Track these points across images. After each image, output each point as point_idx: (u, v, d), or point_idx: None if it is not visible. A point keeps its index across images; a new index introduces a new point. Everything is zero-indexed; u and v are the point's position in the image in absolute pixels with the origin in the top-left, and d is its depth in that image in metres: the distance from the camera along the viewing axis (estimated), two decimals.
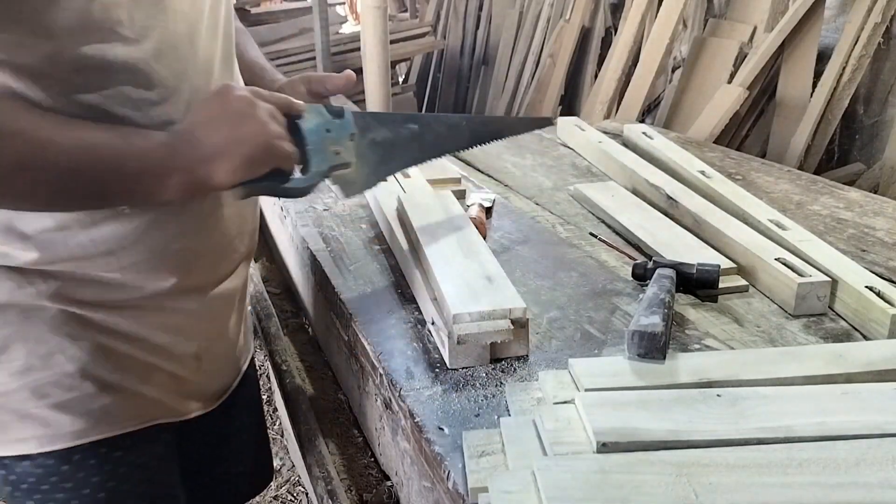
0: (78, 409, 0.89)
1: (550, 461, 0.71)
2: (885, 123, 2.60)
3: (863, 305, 1.04)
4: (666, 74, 3.21)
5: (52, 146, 0.75)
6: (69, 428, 0.89)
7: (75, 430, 0.89)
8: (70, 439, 0.89)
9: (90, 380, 0.89)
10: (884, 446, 0.70)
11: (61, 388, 0.88)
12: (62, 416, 0.88)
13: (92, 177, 0.78)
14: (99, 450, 0.91)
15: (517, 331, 0.95)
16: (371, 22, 2.88)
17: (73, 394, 0.88)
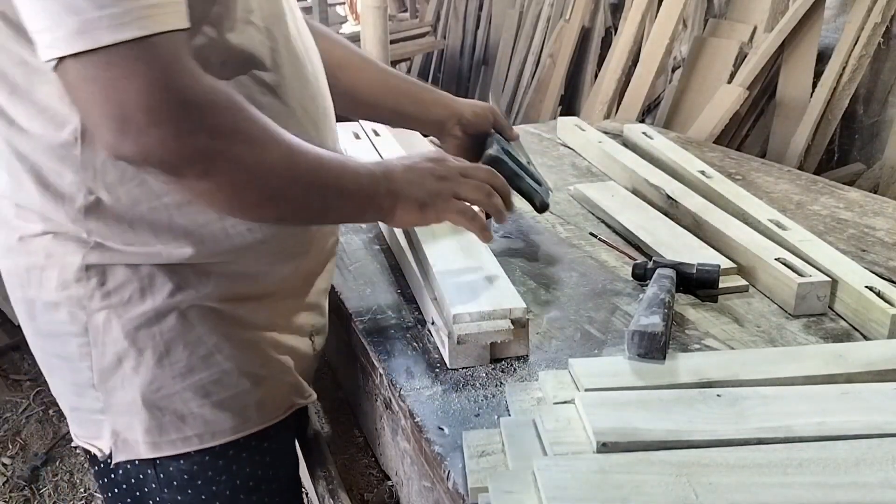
0: (236, 405, 0.91)
1: (550, 461, 0.71)
2: (885, 123, 2.60)
3: (863, 305, 1.04)
4: (666, 74, 3.21)
5: (300, 157, 0.81)
6: (228, 424, 0.91)
7: (233, 425, 0.91)
8: (228, 435, 0.91)
9: (245, 375, 0.91)
10: (884, 446, 0.70)
11: (221, 387, 0.89)
12: (222, 414, 0.90)
13: (323, 193, 0.84)
14: (251, 441, 0.93)
15: (517, 331, 0.95)
16: (371, 22, 2.88)
17: (231, 391, 0.90)
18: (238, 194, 0.78)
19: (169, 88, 0.69)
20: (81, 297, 0.85)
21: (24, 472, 2.25)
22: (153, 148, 0.70)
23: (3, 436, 2.40)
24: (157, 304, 0.85)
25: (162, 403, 0.88)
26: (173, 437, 0.89)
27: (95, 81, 0.67)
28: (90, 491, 2.21)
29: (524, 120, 3.75)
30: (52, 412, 2.50)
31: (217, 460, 0.92)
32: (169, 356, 0.87)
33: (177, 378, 0.88)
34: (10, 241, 0.88)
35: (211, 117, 0.72)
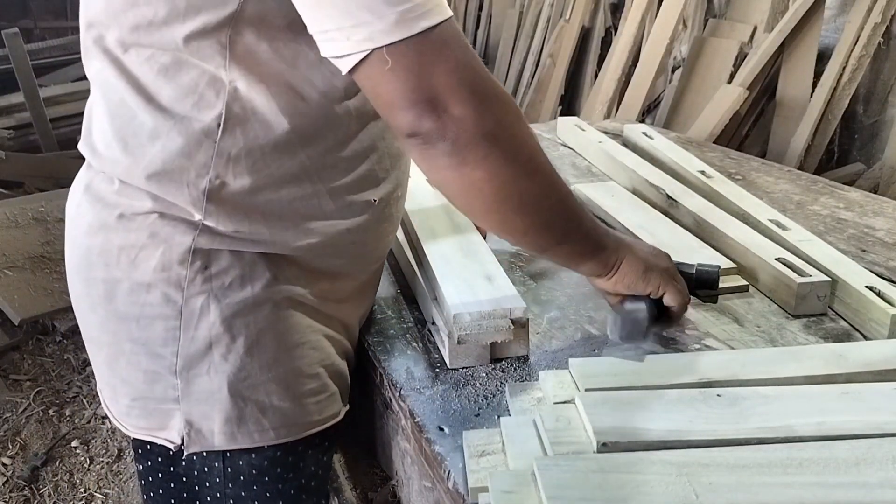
0: (312, 401, 0.91)
1: (550, 461, 0.71)
2: (885, 123, 2.60)
3: (863, 305, 1.04)
4: (666, 74, 3.21)
5: (557, 175, 0.85)
6: (306, 418, 0.91)
7: (310, 420, 0.91)
8: (303, 429, 0.91)
9: (325, 370, 0.92)
10: (884, 446, 0.70)
11: (302, 380, 0.90)
12: (300, 408, 0.90)
13: (567, 220, 0.88)
14: (315, 440, 0.93)
15: (517, 330, 0.95)
16: None
17: (309, 385, 0.91)
18: (503, 190, 0.80)
19: (472, 69, 0.75)
20: (181, 279, 0.85)
21: (24, 472, 2.25)
22: (452, 125, 0.74)
23: (3, 436, 2.40)
24: (256, 293, 0.86)
25: (247, 393, 0.88)
26: (252, 429, 0.89)
27: (407, 67, 0.72)
28: (90, 491, 2.21)
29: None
30: (52, 412, 2.50)
31: (287, 456, 0.92)
32: (259, 345, 0.87)
33: (263, 368, 0.88)
34: (106, 219, 0.87)
35: (500, 105, 0.77)
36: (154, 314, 0.86)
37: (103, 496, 2.19)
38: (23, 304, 2.67)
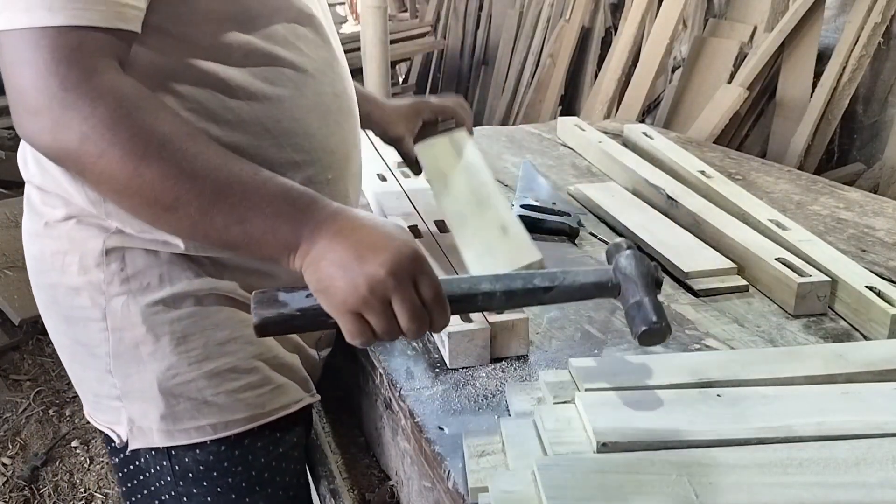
0: (250, 394, 0.91)
1: (550, 461, 0.71)
2: (885, 123, 2.60)
3: (863, 305, 1.04)
4: (666, 74, 3.21)
5: (201, 160, 0.73)
6: (244, 413, 0.91)
7: (249, 414, 0.91)
8: (244, 424, 0.91)
9: (260, 365, 0.91)
10: (884, 446, 0.70)
11: (236, 375, 0.90)
12: (237, 403, 0.90)
13: (223, 209, 0.73)
14: (264, 432, 0.93)
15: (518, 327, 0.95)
16: (371, 22, 2.89)
17: (246, 379, 0.90)
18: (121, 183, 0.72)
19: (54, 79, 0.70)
20: (101, 282, 0.86)
21: (24, 472, 2.25)
22: (33, 136, 0.73)
23: (3, 436, 2.40)
24: (176, 291, 0.86)
25: (177, 390, 0.89)
26: (188, 426, 0.90)
27: (7, 60, 0.71)
28: (90, 491, 2.21)
29: (524, 120, 3.75)
30: (52, 412, 2.50)
31: (233, 451, 0.92)
32: (185, 343, 0.88)
33: (193, 365, 0.88)
34: (37, 227, 0.90)
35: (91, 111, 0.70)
36: (86, 317, 0.89)
37: (103, 496, 2.19)
38: (23, 304, 2.67)
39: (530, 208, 1.36)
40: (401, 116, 1.22)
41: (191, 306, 0.87)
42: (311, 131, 0.90)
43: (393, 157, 1.57)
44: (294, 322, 0.74)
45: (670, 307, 1.10)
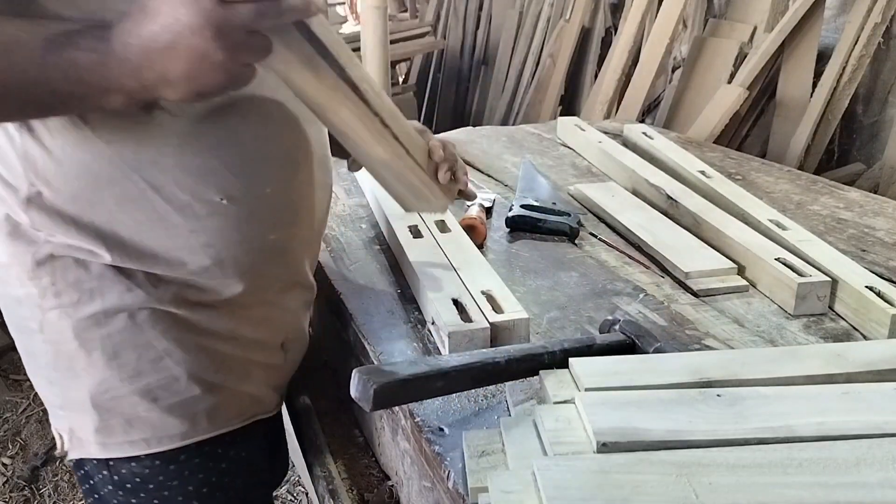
0: (185, 411, 0.90)
1: (550, 461, 0.71)
2: (885, 123, 2.60)
3: (863, 305, 1.04)
4: (666, 74, 3.21)
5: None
6: (177, 429, 0.90)
7: (183, 430, 0.91)
8: (178, 440, 0.91)
9: (196, 381, 0.90)
10: (884, 446, 0.70)
11: (170, 391, 0.89)
12: (170, 419, 0.90)
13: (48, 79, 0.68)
14: (203, 448, 0.93)
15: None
16: (371, 22, 2.88)
17: (180, 396, 0.90)
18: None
19: None
20: (36, 295, 0.86)
21: (24, 472, 2.25)
22: None
23: (3, 436, 2.40)
24: (107, 306, 0.85)
25: (109, 405, 0.88)
26: (121, 440, 0.90)
27: None
28: None
29: (524, 120, 3.75)
30: None
31: (168, 465, 0.92)
32: (117, 358, 0.87)
33: (125, 381, 0.88)
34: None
35: None
36: (30, 328, 0.89)
37: None
38: None
39: (530, 208, 1.36)
40: None
41: (122, 321, 0.86)
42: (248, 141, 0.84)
43: None
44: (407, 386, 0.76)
45: (670, 307, 1.10)
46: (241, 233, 0.86)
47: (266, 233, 0.89)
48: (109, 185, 0.80)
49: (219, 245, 0.86)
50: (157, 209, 0.82)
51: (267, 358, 0.98)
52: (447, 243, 1.19)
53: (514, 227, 1.36)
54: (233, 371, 0.94)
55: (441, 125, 4.27)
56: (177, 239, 0.84)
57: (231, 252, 0.87)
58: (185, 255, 0.85)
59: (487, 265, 1.12)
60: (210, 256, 0.86)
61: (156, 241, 0.84)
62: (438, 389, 0.80)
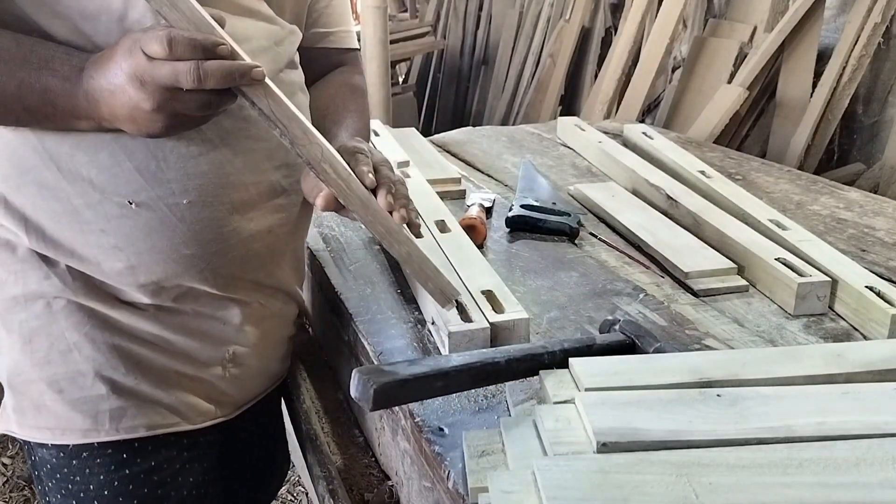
0: (89, 409, 0.90)
1: (550, 461, 0.71)
2: (885, 123, 2.60)
3: (863, 305, 1.04)
4: (666, 74, 3.21)
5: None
6: (79, 425, 0.90)
7: (84, 428, 0.90)
8: (79, 437, 0.91)
9: (103, 381, 0.90)
10: (884, 446, 0.70)
11: (75, 386, 0.89)
12: (73, 413, 0.90)
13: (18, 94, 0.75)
14: (106, 450, 0.92)
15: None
16: (371, 22, 2.88)
17: (85, 393, 0.90)
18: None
19: None
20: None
21: (24, 472, 2.24)
22: None
23: (3, 436, 2.40)
24: (27, 290, 0.88)
25: (22, 388, 0.90)
26: (31, 424, 0.91)
27: None
28: None
29: (524, 120, 3.75)
30: None
31: (71, 459, 0.92)
32: (31, 343, 0.89)
33: (35, 367, 0.89)
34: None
35: None
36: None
37: None
38: None
39: (530, 208, 1.36)
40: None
41: (40, 308, 0.88)
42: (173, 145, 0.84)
43: (392, 157, 1.57)
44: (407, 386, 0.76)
45: (670, 307, 1.10)
46: (151, 241, 0.85)
47: (179, 247, 0.87)
48: (32, 170, 0.83)
49: (128, 250, 0.86)
50: (72, 202, 0.84)
51: (198, 371, 0.95)
52: (447, 243, 1.18)
53: (514, 227, 1.36)
54: (149, 377, 0.92)
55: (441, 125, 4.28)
56: (88, 236, 0.85)
57: (142, 259, 0.86)
58: (98, 254, 0.86)
59: (487, 265, 1.12)
60: (120, 260, 0.86)
61: (70, 234, 0.85)
62: (438, 389, 0.80)
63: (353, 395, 0.75)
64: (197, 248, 0.88)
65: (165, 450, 0.96)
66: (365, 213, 0.84)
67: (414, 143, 1.77)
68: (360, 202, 0.84)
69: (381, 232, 0.86)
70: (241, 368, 1.00)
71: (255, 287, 0.99)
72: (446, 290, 0.93)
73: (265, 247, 0.96)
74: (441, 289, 0.93)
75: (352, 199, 0.83)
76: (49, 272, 0.87)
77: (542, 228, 1.35)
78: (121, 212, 0.84)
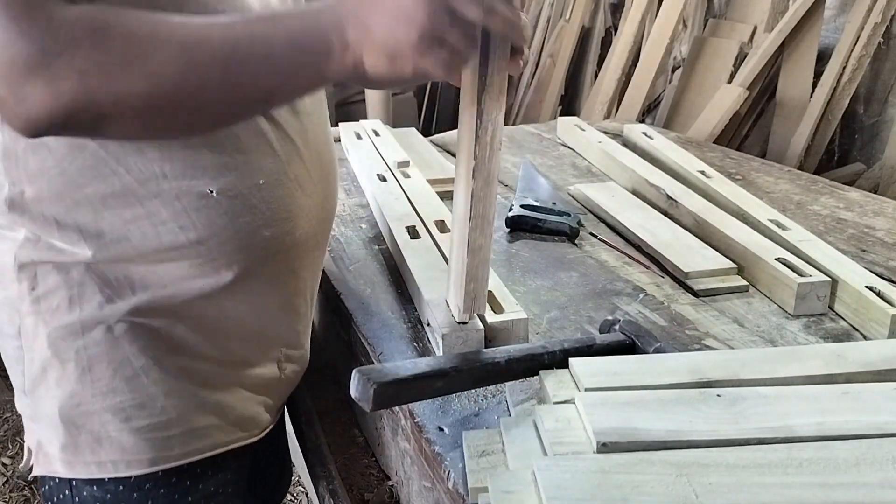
0: (157, 435, 0.86)
1: (550, 461, 0.71)
2: (885, 123, 2.60)
3: (863, 305, 1.04)
4: (666, 74, 3.21)
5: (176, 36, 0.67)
6: (147, 454, 0.86)
7: (152, 457, 0.86)
8: (146, 466, 0.86)
9: (173, 403, 0.86)
10: (884, 446, 0.70)
11: (143, 412, 0.85)
12: (141, 442, 0.85)
13: (241, 70, 0.68)
14: (170, 478, 0.88)
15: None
16: None
17: (154, 418, 0.85)
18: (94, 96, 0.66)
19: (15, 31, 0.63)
20: (15, 299, 0.83)
21: (24, 471, 2.25)
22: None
23: (3, 436, 2.40)
24: (84, 316, 0.82)
25: (79, 421, 0.84)
26: (88, 460, 0.85)
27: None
28: None
29: (524, 120, 3.75)
30: None
31: (132, 492, 0.86)
32: (91, 372, 0.83)
33: (97, 397, 0.83)
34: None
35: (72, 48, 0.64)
36: (6, 332, 0.86)
37: None
38: None
39: (530, 208, 1.36)
40: None
41: (100, 334, 0.82)
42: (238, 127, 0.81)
43: (393, 157, 1.57)
44: (407, 386, 0.76)
45: (670, 307, 1.10)
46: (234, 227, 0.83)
47: (261, 229, 0.86)
48: (94, 181, 0.78)
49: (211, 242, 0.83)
50: (145, 205, 0.79)
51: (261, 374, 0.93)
52: (447, 243, 1.18)
53: (514, 227, 1.36)
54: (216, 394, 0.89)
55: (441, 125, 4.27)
56: (164, 238, 0.81)
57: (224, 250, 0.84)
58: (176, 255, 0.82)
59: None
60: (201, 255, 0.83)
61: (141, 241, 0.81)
62: (438, 389, 0.80)
63: (353, 395, 0.75)
64: (275, 227, 0.87)
65: (227, 471, 0.93)
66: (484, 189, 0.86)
67: (414, 143, 1.77)
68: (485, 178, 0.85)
69: (479, 212, 0.86)
70: (291, 366, 0.99)
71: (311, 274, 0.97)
72: (478, 300, 0.93)
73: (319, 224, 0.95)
74: (476, 296, 0.92)
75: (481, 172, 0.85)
76: (111, 294, 0.82)
77: (542, 228, 1.35)
78: (200, 203, 0.81)
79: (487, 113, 0.82)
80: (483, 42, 0.77)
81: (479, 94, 0.81)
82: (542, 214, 1.35)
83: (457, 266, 0.93)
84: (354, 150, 1.69)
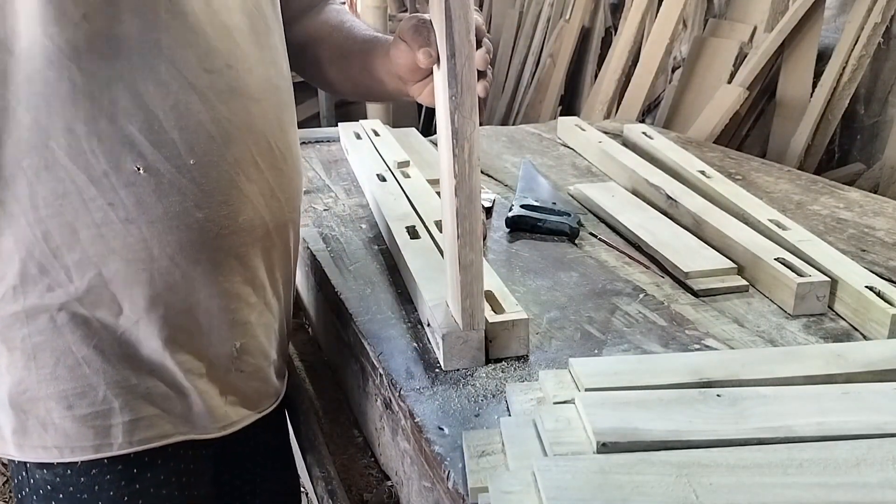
0: (100, 423, 0.87)
1: (550, 461, 0.71)
2: (885, 123, 2.60)
3: (863, 305, 1.04)
4: (666, 74, 3.21)
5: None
6: (90, 441, 0.88)
7: (96, 444, 0.88)
8: (90, 452, 0.88)
9: (115, 394, 0.87)
10: (884, 446, 0.70)
11: (86, 401, 0.87)
12: (84, 429, 0.87)
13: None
14: (116, 466, 0.89)
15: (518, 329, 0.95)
16: (371, 22, 2.89)
17: (96, 407, 0.87)
18: None
19: None
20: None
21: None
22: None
23: None
24: (28, 305, 0.84)
25: (27, 406, 0.87)
26: (35, 444, 0.88)
27: None
28: None
29: (524, 120, 3.75)
30: None
31: (79, 477, 0.89)
32: (36, 360, 0.85)
33: (42, 384, 0.86)
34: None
35: None
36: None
37: None
38: None
39: (530, 208, 1.36)
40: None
41: (44, 322, 0.85)
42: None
43: (392, 157, 1.57)
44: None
45: (670, 307, 1.10)
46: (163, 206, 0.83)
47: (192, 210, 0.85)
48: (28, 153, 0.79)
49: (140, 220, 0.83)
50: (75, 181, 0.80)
51: (208, 370, 0.93)
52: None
53: (514, 227, 1.36)
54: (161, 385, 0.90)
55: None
56: (95, 214, 0.81)
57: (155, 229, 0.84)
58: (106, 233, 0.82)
59: (487, 265, 1.12)
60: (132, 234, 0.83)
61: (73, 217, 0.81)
62: None
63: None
64: (209, 210, 0.86)
65: (182, 461, 0.94)
66: (467, 206, 0.87)
67: (414, 143, 1.77)
68: (467, 195, 0.86)
69: (465, 229, 0.87)
70: (250, 360, 0.98)
71: (266, 263, 0.97)
72: (476, 316, 0.93)
73: (269, 212, 0.94)
74: (473, 312, 0.92)
75: (462, 189, 0.86)
76: (50, 283, 0.84)
77: (542, 228, 1.35)
78: (128, 179, 0.81)
79: (462, 131, 0.84)
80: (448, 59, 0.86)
81: (451, 113, 0.84)
82: (542, 214, 1.35)
83: (452, 283, 0.93)
84: (354, 150, 1.69)
